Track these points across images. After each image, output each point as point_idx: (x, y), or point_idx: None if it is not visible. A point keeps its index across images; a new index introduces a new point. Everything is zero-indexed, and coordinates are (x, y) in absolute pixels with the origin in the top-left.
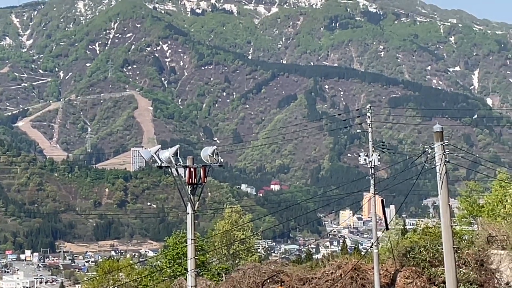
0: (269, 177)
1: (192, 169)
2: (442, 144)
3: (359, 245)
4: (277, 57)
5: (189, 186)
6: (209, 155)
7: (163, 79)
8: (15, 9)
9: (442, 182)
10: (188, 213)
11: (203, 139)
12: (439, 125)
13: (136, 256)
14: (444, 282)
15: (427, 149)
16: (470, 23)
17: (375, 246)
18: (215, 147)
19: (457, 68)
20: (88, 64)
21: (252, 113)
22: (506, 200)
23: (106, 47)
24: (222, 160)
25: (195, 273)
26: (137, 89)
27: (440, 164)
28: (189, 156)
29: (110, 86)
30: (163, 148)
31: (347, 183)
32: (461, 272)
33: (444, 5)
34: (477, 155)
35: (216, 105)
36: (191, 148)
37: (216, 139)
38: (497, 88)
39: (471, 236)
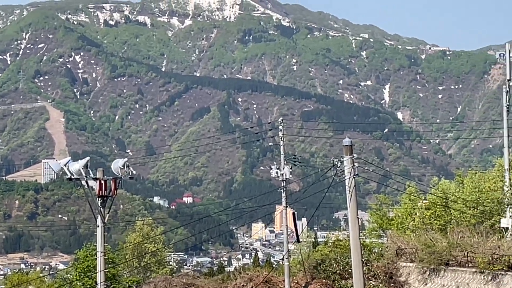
0: (182, 189)
1: (102, 182)
2: (351, 158)
3: (271, 257)
4: (191, 70)
5: (99, 199)
6: (120, 167)
7: (75, 90)
8: None
9: (351, 195)
10: (98, 226)
11: (116, 151)
12: (349, 138)
13: (46, 269)
14: None
15: (336, 163)
16: (381, 38)
17: (286, 258)
18: (126, 159)
19: (369, 83)
20: None
21: (165, 125)
22: (415, 213)
23: (18, 58)
24: (134, 172)
25: (105, 286)
26: (49, 100)
27: (349, 178)
28: (99, 168)
29: (21, 97)
30: (75, 160)
31: (260, 195)
32: (371, 284)
33: (356, 20)
34: (388, 169)
35: (129, 117)
36: (104, 160)
37: (128, 151)
38: (408, 103)
39: (380, 249)
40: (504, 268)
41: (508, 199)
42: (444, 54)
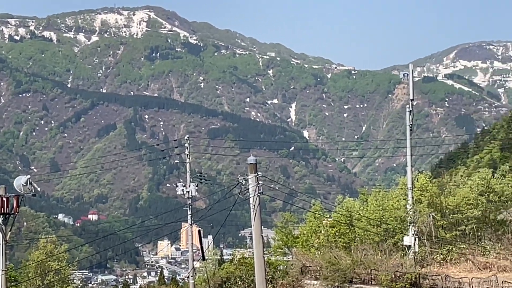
0: (87, 206)
1: (4, 199)
2: (256, 176)
3: (177, 275)
4: (97, 86)
5: (1, 216)
6: (22, 184)
7: None
8: None
9: (255, 213)
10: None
11: (20, 167)
12: (255, 156)
13: None
14: None
15: (241, 181)
16: (288, 56)
17: (192, 276)
18: (28, 176)
19: (275, 101)
20: None
21: (71, 142)
22: (320, 231)
23: None
24: (37, 189)
25: None
26: None
27: (254, 196)
28: (1, 186)
29: None
30: None
31: (166, 212)
32: None
33: (263, 38)
34: (293, 187)
35: (34, 133)
36: (7, 177)
37: (33, 167)
38: (313, 121)
39: (285, 267)
40: (407, 286)
41: (410, 217)
42: (350, 73)
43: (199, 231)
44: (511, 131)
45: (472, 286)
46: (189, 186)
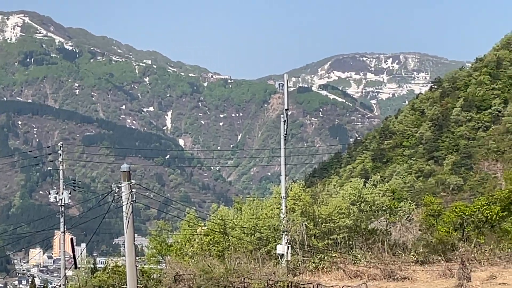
0: None
1: None
2: (129, 184)
3: (49, 283)
4: None
5: None
6: None
7: None
8: None
9: (128, 221)
10: None
11: None
12: (130, 164)
13: None
14: None
15: (114, 188)
16: (164, 64)
17: (64, 285)
18: None
19: (151, 109)
20: None
21: None
22: (194, 240)
23: None
24: None
25: None
26: None
27: (127, 204)
28: None
29: None
30: None
31: (38, 220)
32: None
33: (139, 46)
34: (168, 195)
35: None
36: None
37: None
38: (189, 129)
39: (159, 275)
40: None
41: (284, 226)
42: (226, 82)
43: (71, 239)
44: (383, 142)
45: None
46: (62, 193)
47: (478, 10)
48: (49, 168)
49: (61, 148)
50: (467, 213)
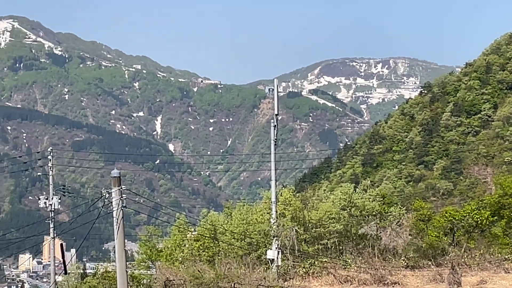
0: None
1: None
2: (119, 189)
3: None
4: None
5: None
6: None
7: None
8: None
9: (118, 227)
10: None
11: None
12: (119, 170)
13: None
14: None
15: (104, 194)
16: (154, 69)
17: None
18: None
19: (141, 114)
20: None
21: None
22: (184, 245)
23: None
24: None
25: None
26: None
27: (117, 209)
28: None
29: None
30: None
31: (28, 225)
32: None
33: (129, 51)
34: (158, 200)
35: None
36: None
37: None
38: (179, 134)
39: (149, 281)
40: None
41: (274, 231)
42: (216, 87)
43: (61, 244)
44: (373, 146)
45: None
46: (52, 199)
47: (467, 16)
48: (38, 174)
49: (51, 154)
50: (457, 218)
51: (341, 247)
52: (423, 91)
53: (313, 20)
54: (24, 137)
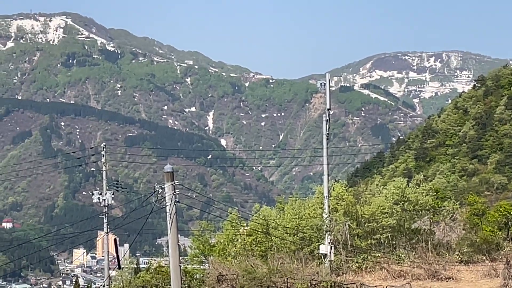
0: (1, 214)
1: None
2: (172, 184)
3: (92, 284)
4: (12, 93)
5: None
6: None
7: None
8: None
9: (172, 221)
10: None
11: None
12: (172, 165)
13: None
14: None
15: (158, 189)
16: (206, 65)
17: (107, 285)
18: None
19: (193, 109)
20: None
21: None
22: (237, 240)
23: None
24: None
25: None
26: None
27: (170, 204)
28: None
29: None
30: None
31: (81, 221)
32: None
33: (181, 46)
34: (211, 195)
35: None
36: None
37: None
38: (231, 130)
39: (202, 275)
40: None
41: (326, 226)
42: (267, 82)
43: (115, 239)
44: (426, 141)
45: None
46: (105, 194)
47: None
48: (92, 169)
49: (104, 149)
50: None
51: (394, 242)
52: (476, 85)
53: (366, 14)
54: (77, 133)
